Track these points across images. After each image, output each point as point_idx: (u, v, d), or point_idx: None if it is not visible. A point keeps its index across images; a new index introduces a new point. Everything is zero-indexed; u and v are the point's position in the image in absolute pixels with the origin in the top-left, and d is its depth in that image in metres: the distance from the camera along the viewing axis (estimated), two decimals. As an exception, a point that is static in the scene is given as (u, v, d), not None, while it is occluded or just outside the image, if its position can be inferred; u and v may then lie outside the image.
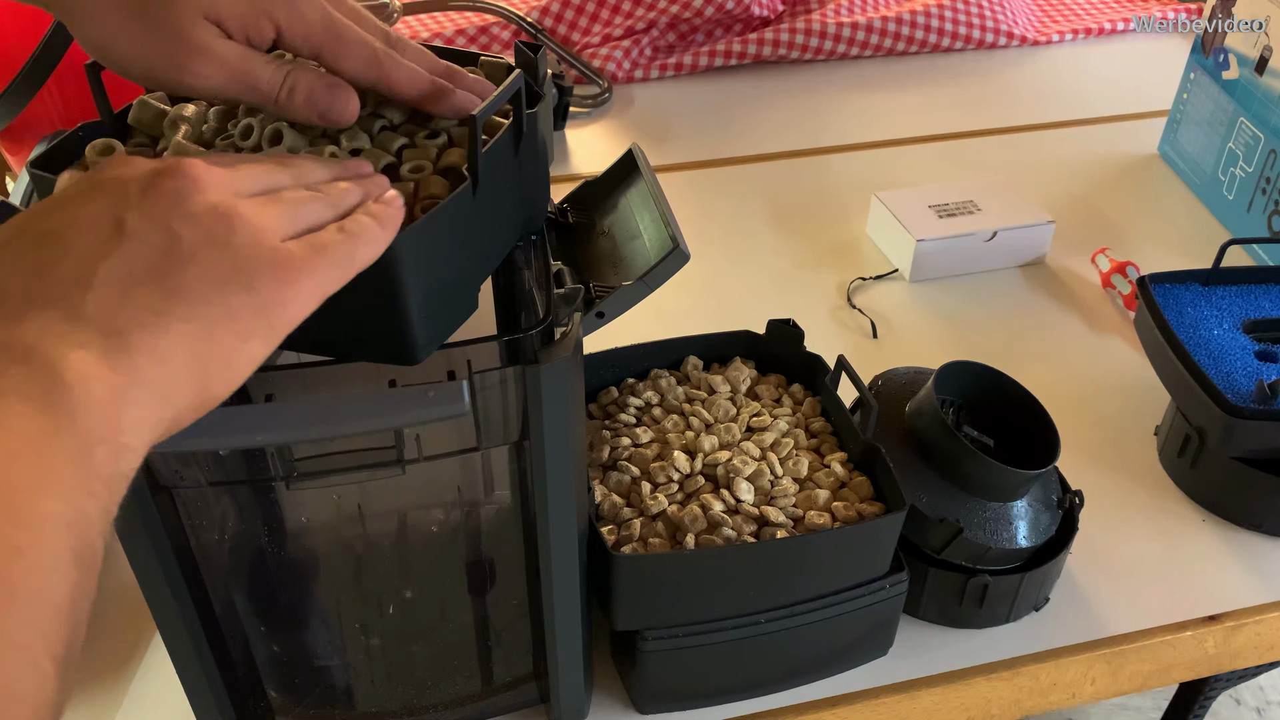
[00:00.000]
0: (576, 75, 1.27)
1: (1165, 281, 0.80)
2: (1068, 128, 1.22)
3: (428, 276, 0.41)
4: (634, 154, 0.56)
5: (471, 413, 0.45)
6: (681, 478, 0.60)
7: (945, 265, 0.95)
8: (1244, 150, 1.00)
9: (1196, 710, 0.91)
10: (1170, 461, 0.77)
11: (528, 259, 0.51)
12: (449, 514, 0.62)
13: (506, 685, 0.61)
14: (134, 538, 0.47)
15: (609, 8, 1.32)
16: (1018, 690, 0.65)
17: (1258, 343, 0.76)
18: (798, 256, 0.99)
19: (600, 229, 0.56)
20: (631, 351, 0.68)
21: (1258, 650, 0.70)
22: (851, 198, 1.06)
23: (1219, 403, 0.69)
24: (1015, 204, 0.98)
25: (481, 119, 0.41)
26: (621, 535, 0.57)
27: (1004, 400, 0.68)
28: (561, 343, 0.46)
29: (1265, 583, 0.69)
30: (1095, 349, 0.89)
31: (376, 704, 0.61)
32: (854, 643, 0.62)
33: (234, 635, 0.55)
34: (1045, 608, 0.67)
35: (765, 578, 0.57)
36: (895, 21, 1.35)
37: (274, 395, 0.43)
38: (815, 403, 0.66)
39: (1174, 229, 1.04)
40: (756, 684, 0.62)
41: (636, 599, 0.56)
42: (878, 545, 0.58)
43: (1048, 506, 0.66)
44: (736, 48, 1.30)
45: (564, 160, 1.13)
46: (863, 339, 0.89)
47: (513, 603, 0.60)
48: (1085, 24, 1.44)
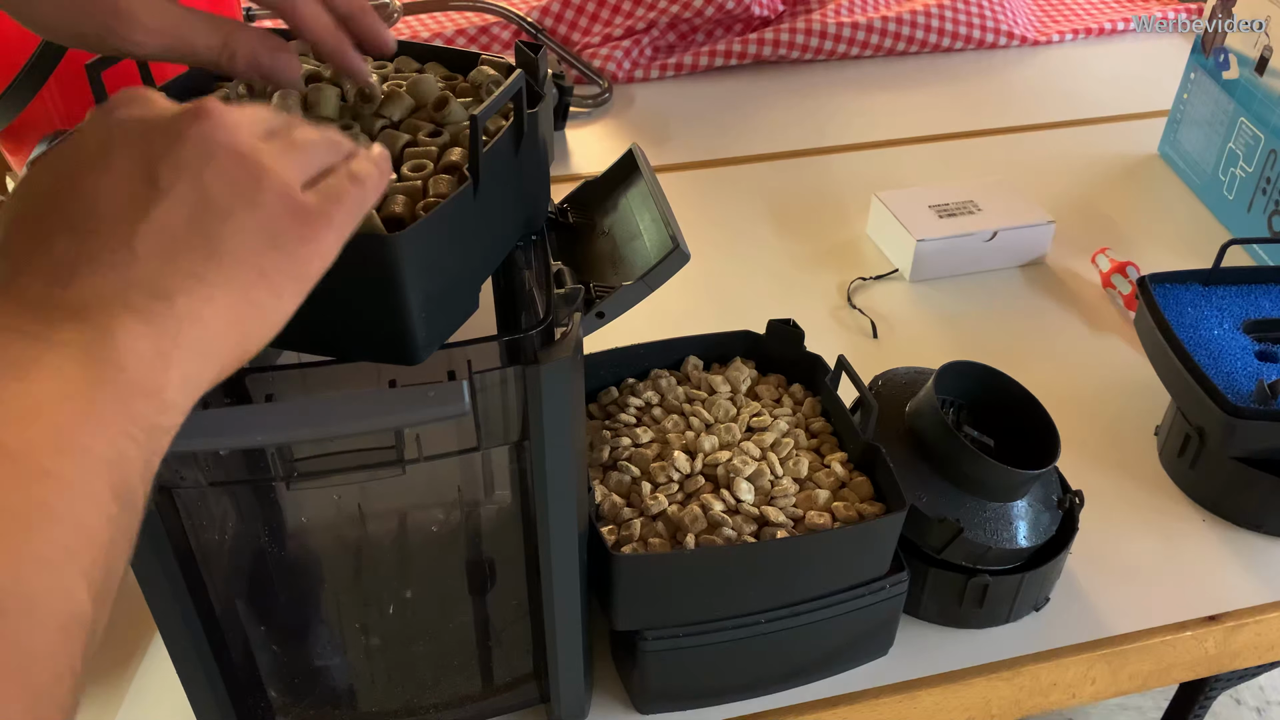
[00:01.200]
0: (577, 75, 1.27)
1: (1165, 281, 0.80)
2: (1068, 128, 1.22)
3: (428, 276, 0.41)
4: (634, 154, 0.56)
5: (472, 413, 0.45)
6: (682, 478, 0.60)
7: (945, 265, 0.95)
8: (1244, 150, 1.00)
9: (1196, 710, 0.91)
10: (1170, 461, 0.77)
11: (528, 259, 0.51)
12: (449, 514, 0.62)
13: (506, 685, 0.61)
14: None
15: (609, 8, 1.32)
16: (1018, 690, 0.65)
17: (1258, 343, 0.76)
18: (798, 256, 0.99)
19: (600, 229, 0.56)
20: (631, 351, 0.68)
21: (1258, 650, 0.70)
22: (852, 198, 1.06)
23: (1219, 403, 0.69)
24: (1015, 204, 0.98)
25: (482, 119, 0.41)
26: (622, 535, 0.57)
27: (1004, 400, 0.68)
28: (561, 343, 0.46)
29: (1265, 583, 0.69)
30: (1095, 349, 0.89)
31: (376, 704, 0.61)
32: (854, 643, 0.62)
33: (234, 635, 0.55)
34: (1045, 608, 0.67)
35: (765, 578, 0.57)
36: (895, 21, 1.35)
37: (274, 395, 0.43)
38: (815, 403, 0.66)
39: (1174, 229, 1.04)
40: (756, 684, 0.62)
41: (636, 599, 0.56)
42: (878, 545, 0.58)
43: (1048, 506, 0.66)
44: (737, 48, 1.30)
45: (564, 160, 1.13)
46: (863, 339, 0.89)
47: (513, 603, 0.60)
48: (1085, 24, 1.44)
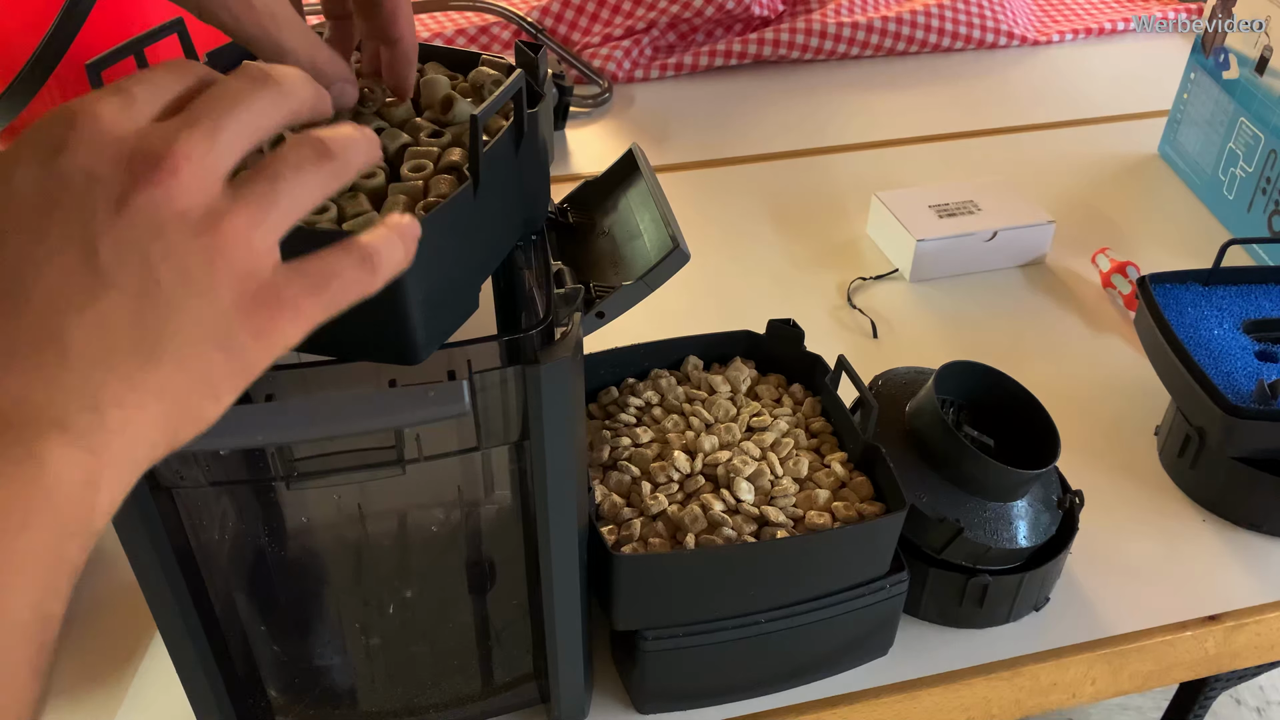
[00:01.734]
0: (577, 75, 1.27)
1: (1165, 281, 0.80)
2: (1068, 128, 1.22)
3: (428, 276, 0.41)
4: (634, 154, 0.56)
5: (472, 412, 0.45)
6: (682, 477, 0.60)
7: (945, 265, 0.95)
8: (1244, 150, 1.00)
9: (1197, 710, 0.91)
10: (1170, 461, 0.77)
11: (528, 259, 0.51)
12: (449, 514, 0.62)
13: (506, 685, 0.61)
14: (134, 538, 0.47)
15: (609, 7, 1.32)
16: (1018, 690, 0.65)
17: (1258, 343, 0.76)
18: (798, 256, 0.99)
19: (600, 229, 0.56)
20: (632, 351, 0.68)
21: (1258, 650, 0.70)
22: (852, 198, 1.06)
23: (1219, 403, 0.69)
24: (1015, 204, 0.98)
25: (483, 119, 0.41)
26: (622, 535, 0.57)
27: (1004, 400, 0.68)
28: (562, 343, 0.46)
29: (1265, 583, 0.69)
30: (1095, 349, 0.89)
31: (377, 704, 0.61)
32: (854, 643, 0.62)
33: (234, 635, 0.55)
34: (1045, 608, 0.67)
35: (765, 578, 0.57)
36: (895, 21, 1.35)
37: (274, 395, 0.43)
38: (815, 403, 0.66)
39: (1174, 229, 1.04)
40: (756, 684, 0.62)
41: (636, 599, 0.56)
42: (878, 545, 0.58)
43: (1048, 506, 0.66)
44: (737, 47, 1.30)
45: (564, 160, 1.13)
46: (863, 339, 0.89)
47: (513, 602, 0.60)
48: (1085, 24, 1.44)
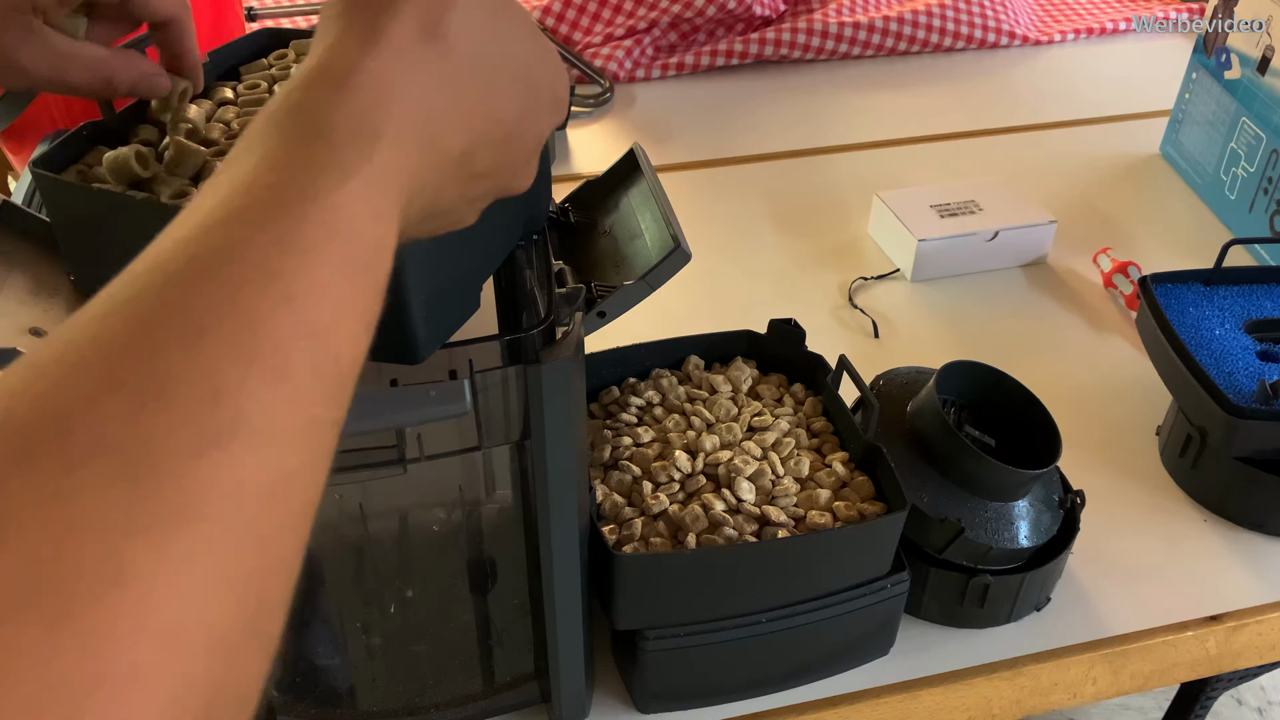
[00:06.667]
0: (578, 75, 1.27)
1: (1167, 281, 0.80)
2: (1069, 127, 1.22)
3: (430, 276, 0.41)
4: (635, 153, 0.56)
5: (473, 412, 0.45)
6: (683, 477, 0.60)
7: (947, 265, 0.95)
8: (1246, 150, 1.00)
9: (1198, 710, 0.91)
10: (1172, 461, 0.77)
11: (529, 259, 0.51)
12: (450, 513, 0.62)
13: (507, 684, 0.61)
14: (136, 537, 0.47)
15: (611, 7, 1.32)
16: (1019, 690, 0.65)
17: (1259, 343, 0.76)
18: (799, 256, 0.99)
19: (602, 229, 0.56)
20: (633, 351, 0.68)
21: (1259, 650, 0.70)
22: (853, 197, 1.06)
23: (1221, 403, 0.69)
24: (1017, 204, 0.98)
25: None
26: (623, 535, 0.57)
27: (1005, 400, 0.68)
28: (563, 342, 0.46)
29: (1267, 583, 0.69)
30: (1097, 349, 0.89)
31: (377, 703, 0.61)
32: (855, 642, 0.62)
33: (235, 634, 0.55)
34: (1046, 608, 0.67)
35: (766, 577, 0.57)
36: (896, 21, 1.35)
37: (276, 394, 0.43)
38: (816, 402, 0.66)
39: (1176, 229, 1.04)
40: (757, 684, 0.62)
41: (638, 598, 0.56)
42: (879, 545, 0.58)
43: (1049, 506, 0.66)
44: (738, 47, 1.30)
45: (565, 160, 1.13)
46: (864, 339, 0.89)
47: (514, 602, 0.61)
48: (1086, 24, 1.44)
